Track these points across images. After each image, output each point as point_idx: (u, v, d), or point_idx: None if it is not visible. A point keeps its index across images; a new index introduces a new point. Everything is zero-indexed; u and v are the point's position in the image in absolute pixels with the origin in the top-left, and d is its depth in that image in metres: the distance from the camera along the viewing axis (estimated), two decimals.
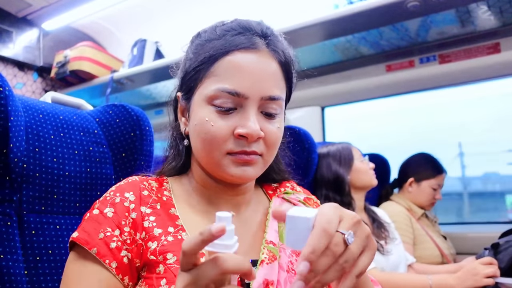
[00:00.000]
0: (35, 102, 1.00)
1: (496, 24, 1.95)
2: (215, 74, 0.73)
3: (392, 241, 1.76)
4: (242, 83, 0.72)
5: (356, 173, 1.77)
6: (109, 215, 0.71)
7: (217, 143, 0.72)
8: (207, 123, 0.72)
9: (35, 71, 2.77)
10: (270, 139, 0.75)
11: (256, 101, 0.72)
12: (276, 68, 0.76)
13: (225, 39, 0.75)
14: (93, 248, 0.68)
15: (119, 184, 0.78)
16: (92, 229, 0.70)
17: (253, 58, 0.73)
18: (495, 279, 1.46)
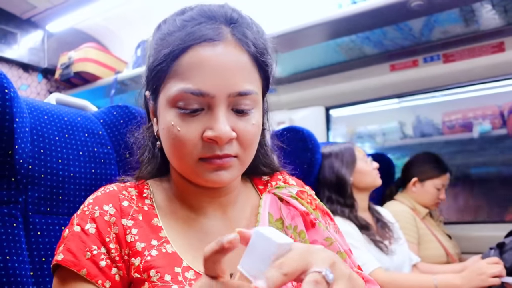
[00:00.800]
0: (40, 103, 1.00)
1: (501, 23, 1.95)
2: (177, 73, 0.66)
3: (396, 241, 1.76)
4: (206, 81, 0.64)
5: (359, 174, 1.76)
6: (91, 231, 0.66)
7: (186, 149, 0.66)
8: (173, 128, 0.66)
9: (40, 73, 2.79)
10: (244, 138, 0.67)
11: (223, 99, 0.65)
12: (245, 60, 0.67)
13: (185, 31, 0.66)
14: (82, 269, 0.63)
15: (96, 194, 0.73)
16: (77, 249, 0.64)
17: (217, 51, 0.65)
18: (501, 279, 1.46)
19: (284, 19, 1.96)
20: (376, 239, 1.66)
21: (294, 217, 0.79)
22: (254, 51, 0.69)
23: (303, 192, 0.85)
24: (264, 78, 0.73)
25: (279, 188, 0.83)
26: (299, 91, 2.58)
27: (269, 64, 0.73)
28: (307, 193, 0.86)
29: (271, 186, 0.84)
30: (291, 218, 0.78)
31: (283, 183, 0.85)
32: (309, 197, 0.85)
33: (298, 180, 0.90)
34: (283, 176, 0.88)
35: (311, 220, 0.79)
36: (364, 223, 1.68)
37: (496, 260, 1.51)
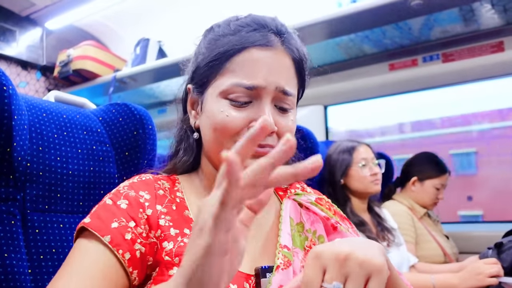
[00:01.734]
0: (38, 101, 1.00)
1: (500, 23, 1.95)
2: (231, 69, 0.73)
3: (396, 245, 1.76)
4: (258, 75, 0.71)
5: (350, 178, 1.78)
6: (123, 207, 0.69)
7: (229, 134, 0.71)
8: (221, 114, 0.72)
9: (38, 70, 2.78)
10: (283, 133, 0.73)
11: (271, 93, 0.72)
12: (290, 65, 0.76)
13: (240, 35, 0.74)
14: (106, 235, 0.64)
15: (131, 181, 0.76)
16: (106, 216, 0.67)
17: (269, 54, 0.73)
18: (499, 279, 1.46)
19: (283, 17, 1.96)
20: (372, 236, 1.66)
21: (314, 222, 0.83)
22: (298, 59, 0.78)
23: (321, 199, 0.90)
24: (300, 85, 0.81)
25: (298, 195, 0.87)
26: None
27: (306, 72, 0.81)
28: (324, 199, 0.91)
29: (290, 193, 0.88)
30: (310, 223, 0.82)
31: (301, 191, 0.90)
32: (327, 204, 0.90)
33: (315, 190, 0.95)
34: (301, 185, 0.93)
35: (333, 224, 0.83)
36: (360, 219, 1.69)
37: (493, 260, 1.51)
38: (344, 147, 1.82)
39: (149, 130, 1.08)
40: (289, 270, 0.70)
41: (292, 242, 0.76)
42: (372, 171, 1.78)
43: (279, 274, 0.69)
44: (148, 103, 2.97)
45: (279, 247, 0.74)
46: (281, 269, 0.69)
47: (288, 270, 0.70)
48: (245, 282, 0.69)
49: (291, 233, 0.78)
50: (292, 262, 0.72)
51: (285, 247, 0.74)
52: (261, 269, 0.68)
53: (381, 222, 1.81)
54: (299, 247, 0.77)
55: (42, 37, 2.71)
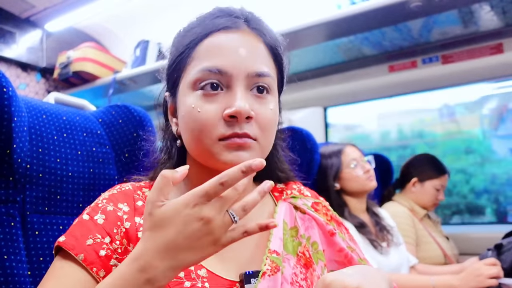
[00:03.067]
0: (38, 102, 1.00)
1: (499, 25, 1.95)
2: (196, 57, 0.70)
3: (395, 245, 1.76)
4: (225, 60, 0.68)
5: (345, 181, 1.77)
6: (99, 222, 0.67)
7: (206, 130, 0.67)
8: (193, 110, 0.68)
9: (38, 72, 2.78)
10: (263, 120, 0.69)
11: (242, 79, 0.68)
12: (261, 47, 0.72)
13: (204, 24, 0.72)
14: (79, 254, 0.63)
15: (111, 192, 0.75)
16: (80, 234, 0.66)
17: (235, 36, 0.70)
18: (499, 280, 1.46)
19: (282, 19, 1.96)
20: (372, 238, 1.66)
21: (308, 228, 0.80)
22: (269, 41, 0.73)
23: (318, 203, 0.86)
24: (279, 71, 0.76)
25: (294, 198, 0.84)
26: (297, 91, 2.57)
27: (283, 57, 0.76)
28: (321, 204, 0.87)
29: (286, 195, 0.85)
30: (305, 228, 0.79)
31: (298, 193, 0.86)
32: (324, 208, 0.86)
33: (312, 191, 0.91)
34: (298, 186, 0.89)
35: (330, 230, 0.80)
36: (359, 221, 1.69)
37: (493, 261, 1.51)
38: (331, 151, 1.81)
39: (149, 131, 1.08)
40: (277, 276, 0.67)
41: (283, 247, 0.73)
42: (365, 168, 1.78)
43: (265, 280, 0.66)
44: (148, 104, 2.97)
45: (267, 252, 0.71)
46: (268, 275, 0.66)
47: (276, 277, 0.67)
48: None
49: (284, 238, 0.75)
50: (280, 267, 0.69)
51: (274, 252, 0.71)
52: (245, 275, 0.66)
53: (380, 222, 1.81)
54: (292, 253, 0.73)
55: (42, 39, 2.72)
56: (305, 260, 0.75)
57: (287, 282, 0.68)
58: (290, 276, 0.69)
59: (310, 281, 0.72)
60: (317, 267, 0.76)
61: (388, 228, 1.80)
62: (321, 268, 0.76)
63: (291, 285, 0.68)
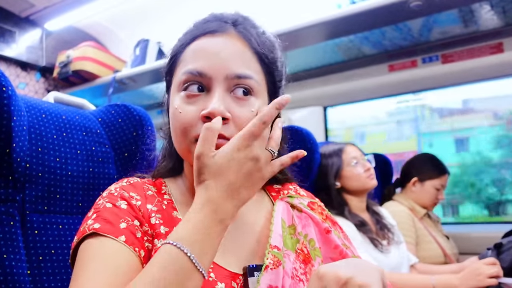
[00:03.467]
0: (37, 102, 1.00)
1: (499, 24, 1.95)
2: (183, 60, 0.74)
3: (396, 243, 1.76)
4: (205, 63, 0.70)
5: (346, 179, 1.77)
6: (123, 207, 0.69)
7: (186, 130, 0.70)
8: (176, 111, 0.71)
9: (38, 71, 2.78)
10: (240, 122, 0.69)
11: (221, 81, 0.69)
12: (244, 49, 0.73)
13: (194, 28, 0.76)
14: (120, 236, 0.64)
15: (120, 184, 0.76)
16: (112, 219, 0.67)
17: (219, 40, 0.72)
18: (498, 279, 1.46)
19: (282, 18, 1.96)
20: (372, 237, 1.66)
21: (305, 226, 0.82)
22: (256, 45, 0.74)
23: (313, 203, 0.89)
24: (267, 74, 0.76)
25: (291, 197, 0.86)
26: (297, 91, 2.57)
27: (274, 61, 0.77)
28: (317, 203, 0.90)
29: (283, 194, 0.87)
30: (302, 226, 0.82)
31: (294, 193, 0.89)
32: (319, 208, 0.89)
33: (308, 192, 0.94)
34: (294, 187, 0.92)
35: (326, 228, 0.83)
36: (360, 219, 1.69)
37: (493, 261, 1.51)
38: (331, 150, 1.82)
39: (148, 131, 1.08)
40: (278, 270, 0.69)
41: (283, 243, 0.75)
42: (365, 167, 1.78)
43: (268, 273, 0.68)
44: (148, 104, 2.97)
45: (269, 247, 0.73)
46: (270, 269, 0.69)
47: (278, 270, 0.69)
48: (233, 281, 0.68)
49: (283, 235, 0.77)
50: (282, 262, 0.71)
51: (275, 247, 0.73)
52: (248, 268, 0.68)
53: (380, 220, 1.81)
54: (291, 249, 0.76)
55: (41, 38, 2.72)
56: (304, 256, 0.77)
57: (288, 276, 0.70)
58: (291, 270, 0.71)
59: (310, 276, 0.74)
60: (315, 263, 0.78)
61: (388, 226, 1.80)
62: (318, 264, 0.79)
63: (291, 279, 0.70)
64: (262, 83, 0.75)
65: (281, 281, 0.68)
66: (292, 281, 0.70)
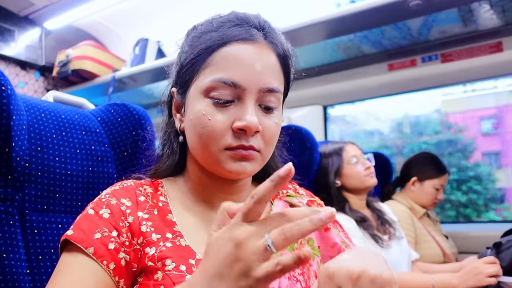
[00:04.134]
0: (37, 101, 1.00)
1: (499, 23, 1.95)
2: (212, 65, 0.71)
3: (397, 239, 1.76)
4: (240, 73, 0.69)
5: (346, 177, 1.78)
6: (105, 216, 0.68)
7: (214, 138, 0.69)
8: (204, 117, 0.69)
9: (37, 70, 2.78)
10: (267, 134, 0.72)
11: (254, 93, 0.70)
12: (274, 61, 0.74)
13: (221, 31, 0.73)
14: (89, 247, 0.64)
15: (113, 188, 0.76)
16: (88, 228, 0.67)
17: (251, 49, 0.71)
18: (498, 278, 1.46)
19: (282, 18, 1.96)
20: (373, 233, 1.67)
21: None
22: (281, 53, 0.75)
23: (313, 201, 0.89)
24: (286, 81, 0.79)
25: (290, 197, 0.86)
26: (297, 90, 2.57)
27: (292, 70, 0.79)
28: (316, 202, 0.90)
29: (282, 194, 0.87)
30: None
31: (293, 192, 0.89)
32: (319, 206, 0.89)
33: (307, 191, 0.94)
34: (293, 186, 0.92)
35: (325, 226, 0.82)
36: (360, 215, 1.70)
37: (492, 260, 1.51)
38: (331, 149, 1.83)
39: (148, 130, 1.08)
40: None
41: None
42: (365, 165, 1.80)
43: None
44: (147, 103, 2.97)
45: None
46: None
47: None
48: None
49: None
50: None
51: None
52: None
53: (381, 216, 1.81)
54: (288, 249, 0.75)
55: (41, 37, 2.71)
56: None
57: (284, 276, 0.69)
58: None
59: (307, 276, 0.74)
60: (313, 263, 0.78)
61: (390, 221, 1.80)
62: (317, 263, 0.79)
63: (288, 279, 0.70)
64: (282, 93, 0.77)
65: (278, 282, 0.68)
66: (289, 281, 0.70)
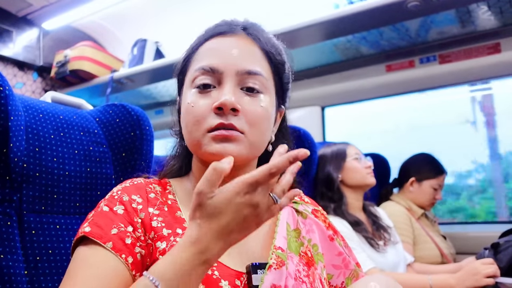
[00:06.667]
0: (35, 101, 1.00)
1: (496, 24, 1.95)
2: (196, 59, 0.78)
3: (393, 243, 1.77)
4: (218, 60, 0.74)
5: (347, 171, 1.80)
6: (119, 212, 0.70)
7: (198, 123, 0.72)
8: (189, 106, 0.74)
9: (35, 71, 2.77)
10: (251, 116, 0.73)
11: (232, 75, 0.74)
12: (254, 48, 0.78)
13: (206, 31, 0.81)
14: (107, 242, 0.66)
15: (124, 185, 0.77)
16: (104, 224, 0.68)
17: (230, 39, 0.77)
18: (495, 279, 1.46)
19: (280, 19, 1.96)
20: (369, 236, 1.67)
21: (309, 232, 0.85)
22: (265, 46, 0.79)
23: (317, 211, 0.91)
24: (276, 75, 0.81)
25: (296, 203, 0.89)
26: (295, 91, 2.55)
27: (281, 63, 0.81)
28: (320, 211, 0.92)
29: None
30: (306, 231, 0.84)
31: (299, 199, 0.91)
32: (322, 216, 0.91)
33: (311, 199, 0.97)
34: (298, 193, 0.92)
35: (330, 235, 0.86)
36: (355, 219, 1.71)
37: (490, 261, 1.51)
38: (335, 147, 1.87)
39: (146, 131, 1.08)
40: (282, 270, 0.70)
41: (287, 246, 0.77)
42: (366, 164, 1.83)
43: (272, 273, 0.69)
44: (145, 103, 2.97)
45: (273, 248, 0.74)
46: (274, 269, 0.70)
47: (281, 270, 0.70)
48: (237, 279, 0.69)
49: (287, 238, 0.79)
50: (286, 263, 0.72)
51: (279, 248, 0.75)
52: (251, 266, 0.70)
53: (377, 221, 1.82)
54: (294, 252, 0.78)
55: (39, 38, 2.71)
56: (307, 259, 0.79)
57: (291, 277, 0.71)
58: (294, 272, 0.73)
59: (312, 278, 0.76)
60: (318, 267, 0.80)
61: (385, 227, 1.81)
62: (321, 268, 0.81)
63: (294, 280, 0.71)
64: (270, 81, 0.79)
65: (284, 281, 0.69)
66: (295, 282, 0.71)
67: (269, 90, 0.78)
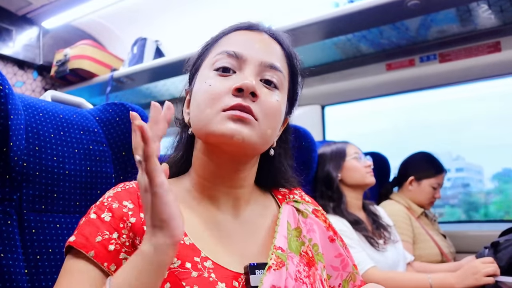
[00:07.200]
0: (35, 100, 1.00)
1: (497, 23, 1.95)
2: (218, 45, 0.78)
3: (392, 242, 1.77)
4: (242, 47, 0.75)
5: (347, 170, 1.81)
6: (106, 219, 0.69)
7: (212, 100, 0.71)
8: (205, 85, 0.73)
9: (35, 70, 2.77)
10: (266, 106, 0.72)
11: (255, 65, 0.74)
12: (278, 49, 0.79)
13: (231, 26, 0.82)
14: (90, 251, 0.65)
15: (116, 190, 0.76)
16: (89, 233, 0.68)
17: (254, 34, 0.78)
18: (495, 278, 1.46)
19: (280, 17, 1.96)
20: (368, 235, 1.68)
21: (310, 231, 0.84)
22: (286, 48, 0.81)
23: (317, 211, 0.91)
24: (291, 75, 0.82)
25: (297, 202, 0.88)
26: None
27: (297, 69, 0.84)
28: (320, 211, 0.92)
29: (289, 198, 0.89)
30: (307, 231, 0.84)
31: (299, 199, 0.91)
32: (323, 216, 0.91)
33: (311, 199, 0.96)
34: (299, 192, 0.94)
35: (331, 236, 0.86)
36: (355, 218, 1.71)
37: (490, 260, 1.51)
38: (335, 146, 1.87)
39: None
40: (281, 271, 0.69)
41: (287, 245, 0.76)
42: (366, 163, 1.83)
43: (271, 274, 0.68)
44: (145, 102, 2.97)
45: (273, 248, 0.73)
46: (273, 270, 0.69)
47: (281, 271, 0.69)
48: (234, 280, 0.68)
49: (288, 237, 0.78)
50: (286, 264, 0.71)
51: (279, 248, 0.73)
52: (249, 266, 0.69)
53: (377, 220, 1.82)
54: (295, 252, 0.77)
55: (39, 37, 2.71)
56: (308, 259, 0.78)
57: (291, 278, 0.70)
58: (294, 272, 0.72)
59: (313, 279, 0.75)
60: (318, 267, 0.79)
61: (385, 226, 1.81)
62: (321, 268, 0.80)
63: (295, 281, 0.70)
64: (286, 83, 0.80)
65: (284, 282, 0.68)
66: (295, 283, 0.70)
67: (284, 90, 0.79)
